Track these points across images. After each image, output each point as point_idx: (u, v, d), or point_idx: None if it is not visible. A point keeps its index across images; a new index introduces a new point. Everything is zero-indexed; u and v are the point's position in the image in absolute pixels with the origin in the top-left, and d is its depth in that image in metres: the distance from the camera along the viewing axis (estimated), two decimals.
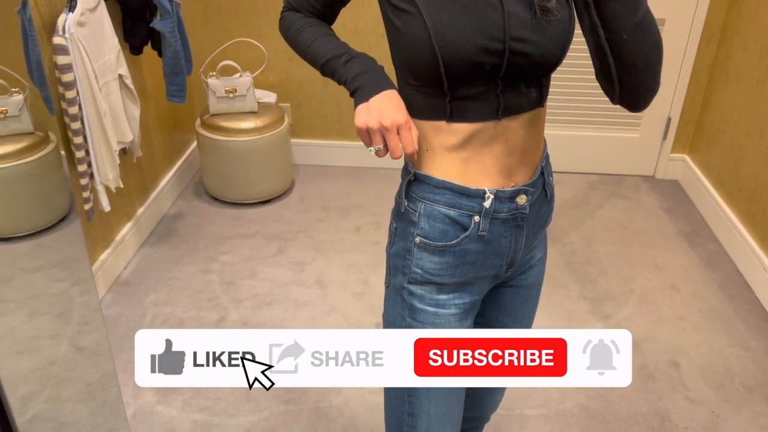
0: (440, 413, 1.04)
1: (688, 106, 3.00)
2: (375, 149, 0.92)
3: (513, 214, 0.99)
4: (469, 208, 0.97)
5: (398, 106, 0.92)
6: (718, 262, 2.57)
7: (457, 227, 0.98)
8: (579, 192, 3.06)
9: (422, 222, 0.99)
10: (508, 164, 0.97)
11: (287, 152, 2.93)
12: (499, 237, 1.00)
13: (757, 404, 1.92)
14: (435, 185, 0.97)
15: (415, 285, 1.01)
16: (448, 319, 1.02)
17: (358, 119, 0.91)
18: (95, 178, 2.07)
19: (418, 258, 1.00)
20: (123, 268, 2.46)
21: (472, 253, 1.00)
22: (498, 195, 0.97)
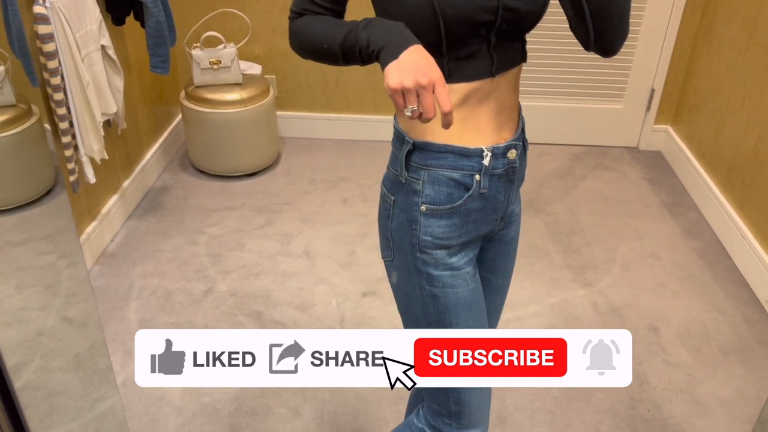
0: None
1: (672, 78, 3.02)
2: (411, 109, 0.85)
3: (506, 169, 1.04)
4: (470, 168, 1.01)
5: (431, 62, 0.86)
6: (698, 230, 2.62)
7: (461, 188, 1.02)
8: (563, 163, 3.09)
9: (427, 189, 1.01)
10: (499, 122, 1.02)
11: (273, 124, 2.93)
12: (496, 193, 1.04)
13: (732, 367, 1.98)
14: (437, 150, 1.00)
15: (427, 253, 1.04)
16: (465, 279, 1.06)
17: (392, 79, 0.84)
18: (80, 149, 2.06)
19: (426, 225, 1.03)
20: (110, 241, 2.47)
21: (475, 211, 1.04)
22: (494, 152, 1.01)
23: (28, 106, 2.01)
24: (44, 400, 1.52)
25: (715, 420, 1.81)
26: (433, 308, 1.06)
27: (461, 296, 1.05)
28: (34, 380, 1.52)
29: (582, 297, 2.25)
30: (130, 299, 2.19)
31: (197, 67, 2.71)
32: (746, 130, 2.43)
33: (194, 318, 2.12)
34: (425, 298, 1.06)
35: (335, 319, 2.12)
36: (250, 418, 1.78)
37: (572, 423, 1.79)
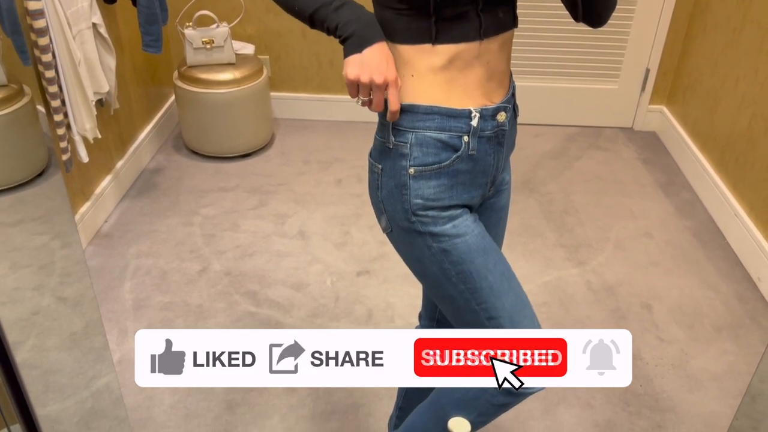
0: (514, 303, 1.06)
1: (667, 57, 3.02)
2: (362, 100, 0.96)
3: (495, 132, 1.04)
4: (458, 129, 1.00)
5: (390, 62, 0.95)
6: (691, 210, 2.63)
7: (449, 149, 1.01)
8: (558, 144, 3.09)
9: (414, 152, 1.01)
10: (488, 87, 1.02)
11: (266, 105, 2.92)
12: (485, 155, 1.04)
13: (724, 343, 2.00)
14: (423, 112, 1.00)
15: (421, 215, 1.03)
16: (468, 225, 1.04)
17: (350, 71, 0.93)
18: (72, 128, 2.05)
19: (416, 188, 1.02)
20: (104, 221, 2.47)
21: (463, 173, 1.03)
22: (482, 113, 1.01)
23: (19, 86, 2.00)
24: (40, 378, 1.52)
25: (706, 394, 1.83)
26: (448, 263, 1.04)
27: (471, 243, 1.03)
28: (30, 359, 1.53)
29: (575, 275, 2.26)
30: (124, 279, 2.19)
31: (190, 46, 2.69)
32: (741, 109, 2.43)
33: (189, 297, 2.12)
34: (437, 255, 1.04)
35: (330, 298, 2.13)
36: (246, 393, 1.79)
37: (566, 398, 1.81)
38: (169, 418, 1.72)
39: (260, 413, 1.74)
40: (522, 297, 1.09)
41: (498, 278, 1.05)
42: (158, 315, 2.05)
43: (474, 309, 1.06)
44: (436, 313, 1.30)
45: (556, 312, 2.09)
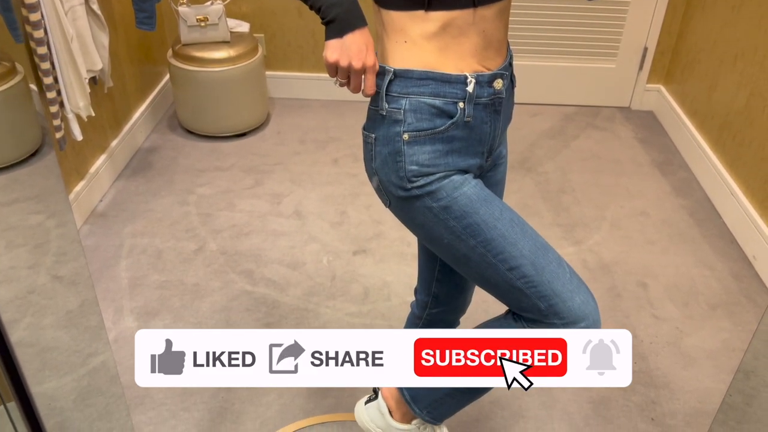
0: (531, 246, 1.01)
1: (665, 36, 3.00)
2: (340, 81, 0.99)
3: (492, 99, 1.03)
4: (453, 95, 0.99)
5: (370, 48, 0.96)
6: (688, 189, 2.62)
7: (444, 116, 1.00)
8: (555, 123, 3.08)
9: (408, 117, 1.00)
10: (484, 55, 1.01)
11: (262, 84, 2.89)
12: (481, 123, 1.03)
13: (719, 320, 2.01)
14: (417, 77, 0.99)
15: (417, 180, 1.02)
16: (464, 178, 1.02)
17: (330, 54, 0.96)
18: (65, 106, 2.04)
19: (410, 155, 1.01)
20: (99, 201, 2.46)
21: (459, 140, 1.02)
22: (478, 80, 1.00)
23: (12, 65, 1.97)
24: (36, 356, 1.52)
25: (700, 371, 1.84)
26: (453, 220, 1.01)
27: (471, 195, 1.00)
28: (26, 337, 1.53)
29: (571, 254, 2.26)
30: (120, 258, 2.19)
31: (184, 24, 2.67)
32: (739, 88, 2.42)
33: (185, 276, 2.12)
34: (439, 215, 1.01)
35: (326, 277, 2.13)
36: None
37: None
38: (166, 396, 1.73)
39: (257, 390, 1.75)
40: (540, 241, 1.03)
41: (508, 225, 1.01)
42: (154, 294, 2.05)
43: (492, 263, 1.02)
44: (432, 288, 1.29)
45: None
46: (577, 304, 1.01)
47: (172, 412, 1.69)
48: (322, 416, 1.69)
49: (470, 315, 1.40)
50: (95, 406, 1.58)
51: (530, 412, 1.71)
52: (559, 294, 1.01)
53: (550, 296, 1.01)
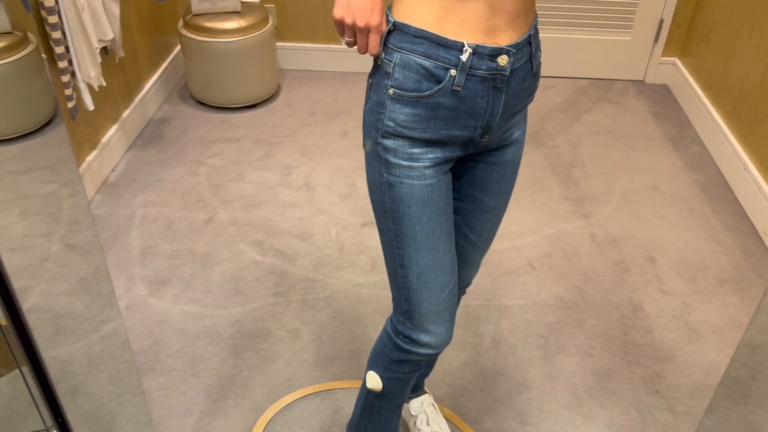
0: (429, 262, 1.09)
1: (682, 7, 2.94)
2: (347, 41, 0.99)
3: (492, 74, 0.99)
4: (446, 60, 0.97)
5: (375, 8, 0.96)
6: (700, 163, 2.60)
7: (432, 79, 0.98)
8: (568, 96, 3.05)
9: (397, 72, 0.99)
10: (492, 24, 0.97)
11: (272, 55, 2.89)
12: (475, 96, 1.00)
13: (726, 295, 2.00)
14: (413, 34, 0.97)
15: (388, 139, 1.03)
16: (422, 172, 1.04)
17: (337, 11, 0.97)
18: (77, 75, 2.05)
19: (391, 110, 1.01)
20: (111, 171, 2.48)
21: (445, 108, 1.00)
22: (477, 50, 0.97)
23: (24, 34, 1.98)
24: (50, 321, 1.56)
25: (706, 345, 1.85)
26: (388, 197, 1.06)
27: (416, 189, 1.04)
28: (40, 303, 1.56)
29: (580, 228, 2.26)
30: (131, 227, 2.22)
31: None
32: (754, 60, 2.38)
33: (195, 246, 2.15)
34: (383, 185, 1.06)
35: (334, 248, 2.15)
36: (251, 340, 1.83)
37: (565, 347, 1.83)
38: (176, 362, 1.77)
39: (265, 358, 1.78)
40: (442, 263, 1.10)
41: (425, 233, 1.07)
42: (165, 263, 2.08)
43: (392, 249, 1.09)
44: None
45: (559, 264, 2.10)
46: (428, 326, 1.13)
47: (182, 378, 1.72)
48: (329, 383, 1.72)
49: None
50: (107, 371, 1.62)
51: (534, 383, 1.73)
52: (422, 309, 1.11)
53: (415, 306, 1.12)
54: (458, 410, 1.66)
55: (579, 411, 1.67)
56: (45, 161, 1.86)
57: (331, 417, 1.64)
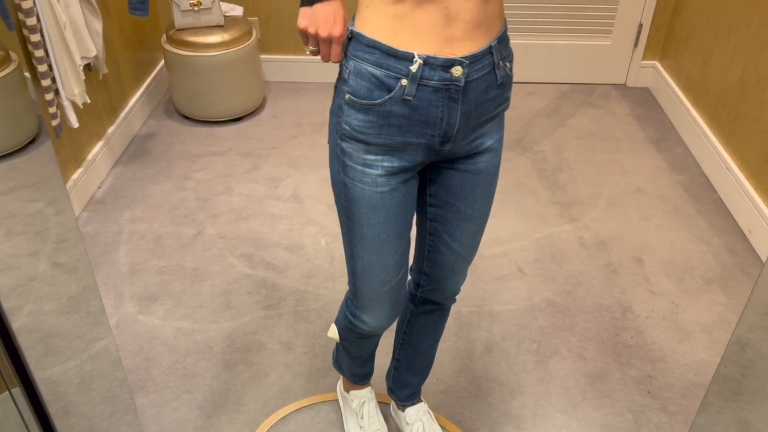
0: (373, 260, 1.16)
1: (660, 11, 2.99)
2: (310, 49, 1.03)
3: (446, 85, 0.99)
4: (397, 70, 0.98)
5: (338, 19, 0.98)
6: (683, 165, 2.63)
7: (383, 88, 1.00)
8: (551, 102, 3.08)
9: (351, 79, 1.02)
10: (448, 34, 0.97)
11: (257, 67, 2.89)
12: (428, 105, 1.01)
13: (714, 294, 2.03)
14: (365, 44, 0.99)
15: (345, 142, 1.07)
16: (374, 179, 1.08)
17: (300, 21, 1.00)
18: (60, 93, 2.04)
19: (347, 115, 1.04)
20: (97, 188, 2.46)
21: (397, 116, 1.01)
22: (428, 61, 0.97)
23: (6, 53, 1.97)
24: (39, 342, 1.54)
25: (696, 345, 1.86)
26: (343, 195, 1.12)
27: (366, 194, 1.09)
28: (28, 323, 1.54)
29: (568, 231, 2.27)
30: (119, 244, 2.20)
31: (177, 9, 2.66)
32: (733, 62, 2.42)
33: (184, 261, 2.14)
34: (340, 183, 1.12)
35: (325, 259, 2.15)
36: (243, 353, 1.82)
37: (558, 350, 1.84)
38: (168, 378, 1.75)
39: (258, 371, 1.77)
40: (386, 263, 1.16)
41: (372, 234, 1.13)
42: (154, 279, 2.06)
43: (346, 240, 1.18)
44: (423, 267, 1.31)
45: (549, 268, 2.12)
46: (367, 310, 1.25)
47: (175, 395, 1.71)
48: (324, 395, 1.72)
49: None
50: (98, 390, 1.60)
51: (528, 387, 1.74)
52: (363, 296, 1.23)
53: (358, 291, 1.23)
54: (453, 417, 1.66)
55: (573, 414, 1.67)
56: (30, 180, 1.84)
57: (327, 429, 1.64)
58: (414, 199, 1.15)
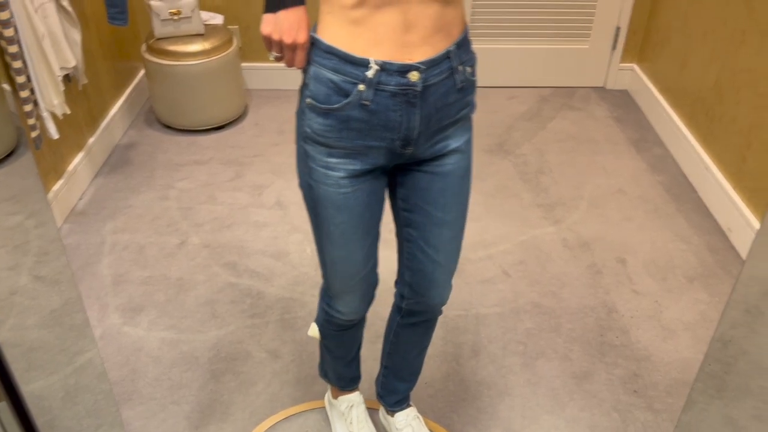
0: (340, 255, 1.20)
1: (637, 15, 3.03)
2: (274, 55, 1.03)
3: (403, 90, 1.01)
4: (354, 75, 1.00)
5: (301, 26, 0.99)
6: (663, 165, 2.67)
7: (340, 93, 1.01)
8: (532, 106, 3.10)
9: (311, 84, 1.03)
10: (406, 40, 0.98)
11: (238, 75, 2.88)
12: (386, 110, 1.02)
13: (696, 292, 2.05)
14: (323, 49, 1.01)
15: (308, 144, 1.09)
16: (337, 181, 1.10)
17: (264, 27, 1.00)
18: (39, 104, 2.02)
19: (309, 118, 1.06)
20: (78, 199, 2.44)
21: (356, 120, 1.03)
22: (385, 67, 0.99)
23: None
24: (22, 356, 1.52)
25: (680, 343, 1.89)
26: (309, 195, 1.15)
27: (331, 194, 1.11)
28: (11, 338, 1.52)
29: (552, 233, 2.29)
30: (102, 255, 2.18)
31: (157, 18, 2.64)
32: (709, 63, 2.46)
33: (169, 271, 2.12)
34: (306, 184, 1.14)
35: (311, 266, 2.14)
36: (230, 363, 1.81)
37: (544, 352, 1.85)
38: (155, 390, 1.74)
39: (245, 380, 1.76)
40: (354, 258, 1.20)
41: (338, 232, 1.16)
42: (138, 289, 2.05)
43: (316, 237, 1.21)
44: (405, 276, 1.29)
45: (533, 270, 2.13)
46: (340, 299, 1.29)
47: (162, 406, 1.70)
48: (312, 402, 1.71)
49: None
50: (83, 403, 1.58)
51: (516, 390, 1.75)
52: (335, 287, 1.27)
53: (330, 282, 1.27)
54: (442, 422, 1.67)
55: (561, 415, 1.68)
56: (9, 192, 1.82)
57: None
58: (381, 196, 1.17)
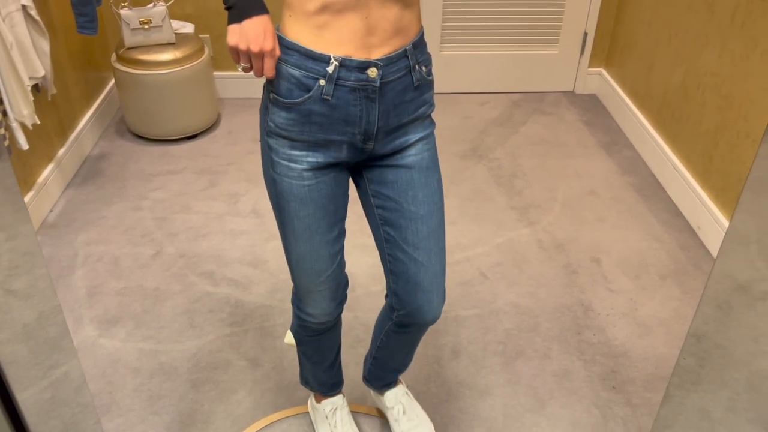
0: (305, 251, 1.20)
1: (603, 20, 3.10)
2: (243, 66, 1.03)
3: (362, 85, 1.05)
4: (315, 71, 1.03)
5: (267, 34, 1.00)
6: (633, 167, 2.72)
7: (302, 88, 1.05)
8: (503, 111, 3.14)
9: (274, 79, 1.06)
10: (367, 42, 1.03)
11: (210, 84, 2.87)
12: (346, 104, 1.06)
13: (669, 290, 2.10)
14: (286, 45, 1.04)
15: (272, 138, 1.11)
16: (300, 174, 1.12)
17: (231, 39, 1.00)
18: (8, 114, 1.98)
19: (272, 112, 1.09)
20: (49, 211, 2.40)
21: (317, 114, 1.06)
22: (344, 63, 1.02)
23: None
24: None
25: (655, 339, 1.92)
26: (273, 190, 1.16)
27: (294, 188, 1.13)
28: None
29: (527, 235, 2.32)
30: (75, 267, 2.14)
31: (127, 27, 2.62)
32: (674, 66, 2.52)
33: (144, 281, 2.09)
34: (269, 179, 1.16)
35: (288, 274, 2.13)
36: (210, 372, 1.79)
37: (524, 351, 1.87)
38: (134, 402, 1.71)
39: (226, 389, 1.74)
40: (319, 253, 1.20)
41: (302, 227, 1.17)
42: (113, 300, 2.01)
43: (282, 234, 1.22)
44: (390, 284, 1.28)
45: (510, 271, 2.15)
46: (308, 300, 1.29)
47: (141, 417, 1.67)
48: (294, 408, 1.70)
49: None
50: (62, 416, 1.55)
51: (497, 389, 1.76)
52: (302, 287, 1.27)
53: (297, 283, 1.28)
54: None
55: (542, 413, 1.70)
56: None
57: None
58: (345, 191, 1.19)
